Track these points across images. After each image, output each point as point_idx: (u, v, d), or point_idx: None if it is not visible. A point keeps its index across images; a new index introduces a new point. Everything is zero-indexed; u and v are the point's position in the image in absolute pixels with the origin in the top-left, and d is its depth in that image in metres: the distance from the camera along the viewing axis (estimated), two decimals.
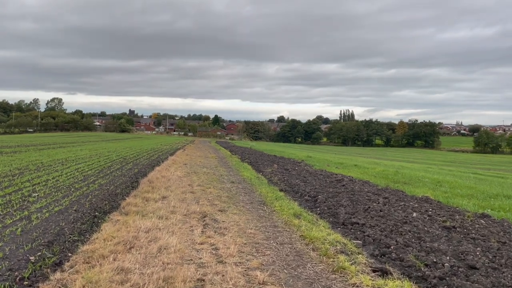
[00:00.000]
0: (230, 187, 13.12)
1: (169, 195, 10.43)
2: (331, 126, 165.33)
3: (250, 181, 14.78)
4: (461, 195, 12.53)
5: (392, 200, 10.74)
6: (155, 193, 10.52)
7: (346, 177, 15.93)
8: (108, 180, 13.02)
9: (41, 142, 39.27)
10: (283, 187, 13.80)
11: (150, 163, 20.13)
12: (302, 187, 13.53)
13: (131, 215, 8.06)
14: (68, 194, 10.17)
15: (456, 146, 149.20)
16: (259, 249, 6.40)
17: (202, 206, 9.41)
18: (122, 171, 15.75)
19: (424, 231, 7.76)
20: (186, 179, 14.05)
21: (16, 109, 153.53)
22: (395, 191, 12.61)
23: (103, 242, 6.10)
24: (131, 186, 12.47)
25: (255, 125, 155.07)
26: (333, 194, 11.90)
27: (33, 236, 6.59)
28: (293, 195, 12.35)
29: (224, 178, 15.28)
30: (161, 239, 6.40)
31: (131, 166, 17.76)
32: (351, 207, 9.99)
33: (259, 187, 13.11)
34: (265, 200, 10.87)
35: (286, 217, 8.71)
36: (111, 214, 8.41)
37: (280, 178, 16.20)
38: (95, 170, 15.42)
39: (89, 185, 11.73)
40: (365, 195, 11.61)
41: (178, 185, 12.35)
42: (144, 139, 72.56)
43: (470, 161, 72.13)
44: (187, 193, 11.10)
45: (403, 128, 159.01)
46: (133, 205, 9.02)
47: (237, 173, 17.68)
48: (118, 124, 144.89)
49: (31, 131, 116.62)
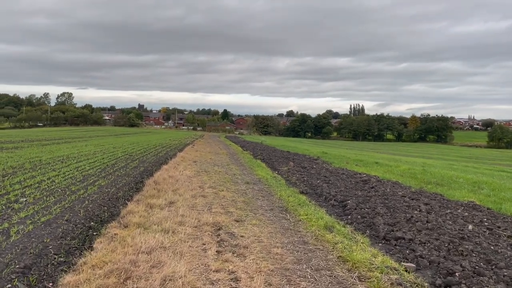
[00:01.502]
0: (245, 189, 11.72)
1: (177, 200, 9.05)
2: (342, 121, 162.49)
3: (266, 181, 13.37)
4: (510, 199, 10.96)
5: (436, 207, 9.24)
6: (161, 198, 9.15)
7: (372, 177, 14.42)
8: (109, 181, 11.70)
9: (47, 137, 38.28)
10: (303, 188, 12.36)
11: (157, 160, 18.81)
12: (325, 189, 12.08)
13: (131, 228, 6.70)
14: (61, 198, 8.86)
15: (469, 141, 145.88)
16: (291, 279, 4.99)
17: (216, 214, 8.02)
18: (126, 170, 14.43)
19: (491, 251, 6.28)
20: (196, 180, 12.68)
21: (27, 103, 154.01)
22: (433, 195, 11.08)
23: (91, 271, 4.74)
24: (135, 188, 11.15)
25: (264, 120, 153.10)
26: (364, 199, 10.43)
27: (7, 258, 5.26)
28: (317, 199, 10.91)
29: (237, 178, 13.88)
30: (166, 265, 5.02)
31: (137, 164, 16.45)
32: (389, 216, 8.53)
33: (277, 189, 11.70)
34: (287, 205, 9.45)
35: (315, 229, 7.29)
36: (108, 225, 7.08)
37: (298, 177, 14.77)
38: (97, 169, 14.12)
39: (87, 187, 10.42)
40: (401, 200, 10.12)
41: (187, 187, 10.99)
42: (152, 134, 71.54)
43: (488, 157, 69.74)
44: (197, 197, 9.72)
45: (415, 123, 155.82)
46: (134, 213, 7.67)
47: (251, 171, 16.27)
48: (127, 118, 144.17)
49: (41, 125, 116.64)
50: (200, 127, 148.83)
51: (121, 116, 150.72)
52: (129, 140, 40.38)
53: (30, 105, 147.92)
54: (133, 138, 46.89)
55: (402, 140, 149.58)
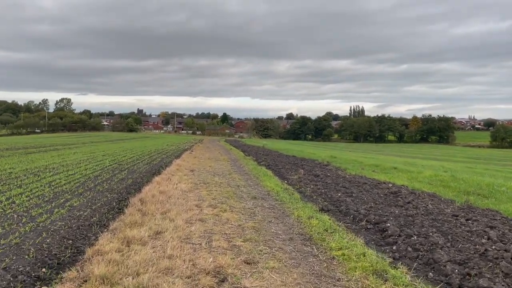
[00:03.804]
0: (253, 206, 9.52)
1: (166, 229, 6.84)
2: (342, 123, 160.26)
3: (276, 195, 11.18)
4: None
5: (507, 232, 7.03)
6: (144, 226, 6.94)
7: (401, 188, 12.21)
8: (85, 199, 9.49)
9: (36, 144, 36.05)
10: (323, 204, 10.16)
11: (149, 170, 16.60)
12: (350, 204, 9.87)
13: (92, 283, 4.50)
14: (11, 230, 6.65)
15: (471, 141, 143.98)
16: None
17: (218, 252, 5.82)
18: (110, 183, 12.21)
19: None
20: (193, 196, 10.47)
21: (25, 110, 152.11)
22: (488, 212, 8.87)
23: None
24: (117, 208, 8.96)
25: (264, 123, 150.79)
26: (405, 219, 8.22)
27: None
28: (343, 219, 8.70)
29: (242, 192, 11.69)
30: None
31: (125, 176, 14.22)
32: (451, 248, 6.32)
33: (292, 206, 9.51)
34: (310, 232, 7.25)
35: (360, 275, 5.11)
36: (63, 274, 4.90)
37: (313, 189, 12.56)
38: (75, 183, 11.90)
39: (54, 209, 8.21)
40: (454, 221, 7.92)
41: (181, 207, 8.78)
42: (150, 139, 69.34)
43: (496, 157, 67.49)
44: (193, 223, 7.52)
45: (417, 124, 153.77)
46: (104, 254, 5.46)
47: (257, 182, 14.07)
48: (126, 123, 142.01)
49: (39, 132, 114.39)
50: (199, 131, 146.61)
51: (119, 121, 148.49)
52: (123, 146, 38.17)
53: (29, 112, 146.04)
54: (129, 144, 44.69)
55: (404, 141, 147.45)
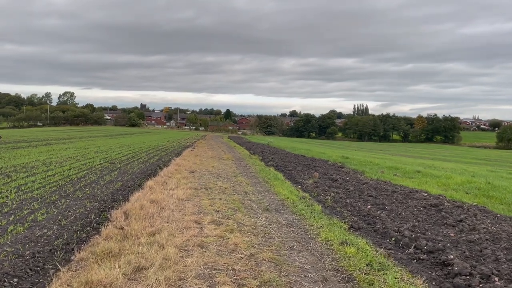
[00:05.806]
0: (267, 223, 7.58)
1: (152, 263, 4.90)
2: (346, 121, 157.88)
3: (293, 206, 9.23)
4: None
5: None
6: (121, 258, 5.00)
7: (441, 198, 10.21)
8: (56, 211, 7.55)
9: (30, 138, 34.19)
10: (351, 219, 8.20)
11: (144, 170, 14.66)
12: (387, 222, 7.90)
13: None
14: None
15: (477, 141, 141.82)
16: None
17: None
18: (94, 188, 10.26)
19: None
20: (192, 207, 8.53)
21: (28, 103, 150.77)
22: None
23: None
24: (95, 223, 7.05)
25: (267, 120, 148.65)
26: (469, 248, 6.25)
27: None
28: (381, 242, 6.73)
29: (251, 201, 9.74)
30: None
31: (114, 177, 12.28)
32: None
33: (315, 223, 7.57)
34: (348, 267, 5.30)
35: None
36: None
37: (335, 198, 10.59)
38: (51, 187, 9.97)
39: (8, 227, 6.28)
40: None
41: (175, 225, 6.84)
42: (152, 134, 67.41)
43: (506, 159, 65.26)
44: (190, 251, 5.59)
45: (422, 123, 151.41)
46: None
47: (267, 187, 12.13)
48: (128, 118, 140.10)
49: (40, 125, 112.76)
50: (202, 127, 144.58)
51: (122, 116, 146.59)
52: (122, 141, 36.26)
53: (31, 105, 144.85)
54: (128, 139, 42.78)
55: (409, 141, 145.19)
